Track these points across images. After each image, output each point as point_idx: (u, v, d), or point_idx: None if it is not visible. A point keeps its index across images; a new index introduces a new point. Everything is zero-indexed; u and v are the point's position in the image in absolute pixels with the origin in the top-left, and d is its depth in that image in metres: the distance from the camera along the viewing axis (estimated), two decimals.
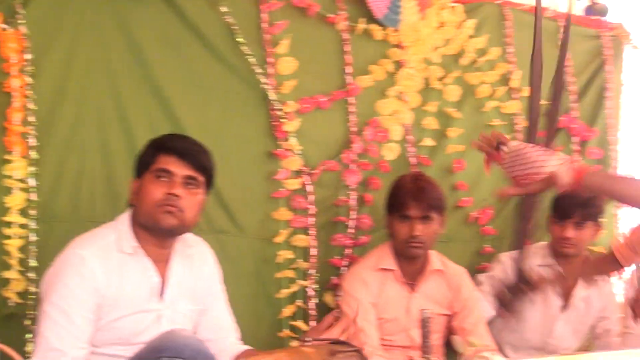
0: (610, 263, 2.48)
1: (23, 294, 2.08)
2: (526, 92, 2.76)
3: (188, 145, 1.91)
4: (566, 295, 2.65)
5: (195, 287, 1.96)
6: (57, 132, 2.16)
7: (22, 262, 2.08)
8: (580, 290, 2.63)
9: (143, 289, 1.85)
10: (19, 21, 2.06)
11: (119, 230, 1.86)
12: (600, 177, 1.81)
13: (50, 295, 1.77)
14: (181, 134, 2.06)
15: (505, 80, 2.94)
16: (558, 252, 2.65)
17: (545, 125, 1.95)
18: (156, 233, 1.87)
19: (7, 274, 2.05)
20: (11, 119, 2.06)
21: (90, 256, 1.78)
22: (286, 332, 2.47)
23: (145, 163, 1.90)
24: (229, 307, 2.08)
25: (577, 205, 2.55)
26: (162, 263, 1.88)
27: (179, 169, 1.85)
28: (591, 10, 3.12)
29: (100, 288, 1.78)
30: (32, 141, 2.09)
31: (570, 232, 2.56)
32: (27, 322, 2.00)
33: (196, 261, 1.98)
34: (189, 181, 1.86)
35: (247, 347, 2.02)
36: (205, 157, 1.93)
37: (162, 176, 1.84)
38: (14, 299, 2.07)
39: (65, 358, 1.71)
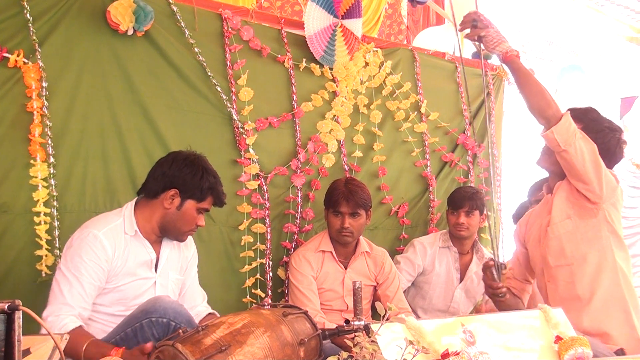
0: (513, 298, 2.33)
1: (52, 267, 2.27)
2: (433, 116, 3.32)
3: (224, 197, 2.19)
4: (462, 271, 3.07)
5: (180, 263, 2.21)
6: (68, 142, 2.37)
7: (49, 242, 2.30)
8: (473, 266, 3.05)
9: (143, 262, 2.09)
10: (37, 56, 2.28)
11: (124, 216, 2.08)
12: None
13: (67, 263, 1.96)
14: (219, 181, 2.17)
15: (416, 107, 3.31)
16: (454, 235, 3.06)
17: None
18: (168, 236, 2.14)
19: (39, 252, 2.29)
20: (33, 132, 2.30)
21: (102, 235, 2.00)
22: (249, 298, 2.75)
23: (194, 193, 2.10)
24: (197, 282, 2.29)
25: (466, 198, 2.96)
26: (156, 244, 2.14)
27: (209, 207, 2.18)
28: (478, 54, 3.29)
29: (110, 259, 2.01)
30: (50, 149, 2.31)
31: (462, 219, 2.98)
32: None
33: (182, 245, 2.23)
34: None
35: (211, 310, 2.25)
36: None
37: (202, 213, 2.15)
38: (45, 271, 2.29)
39: (73, 311, 1.91)
